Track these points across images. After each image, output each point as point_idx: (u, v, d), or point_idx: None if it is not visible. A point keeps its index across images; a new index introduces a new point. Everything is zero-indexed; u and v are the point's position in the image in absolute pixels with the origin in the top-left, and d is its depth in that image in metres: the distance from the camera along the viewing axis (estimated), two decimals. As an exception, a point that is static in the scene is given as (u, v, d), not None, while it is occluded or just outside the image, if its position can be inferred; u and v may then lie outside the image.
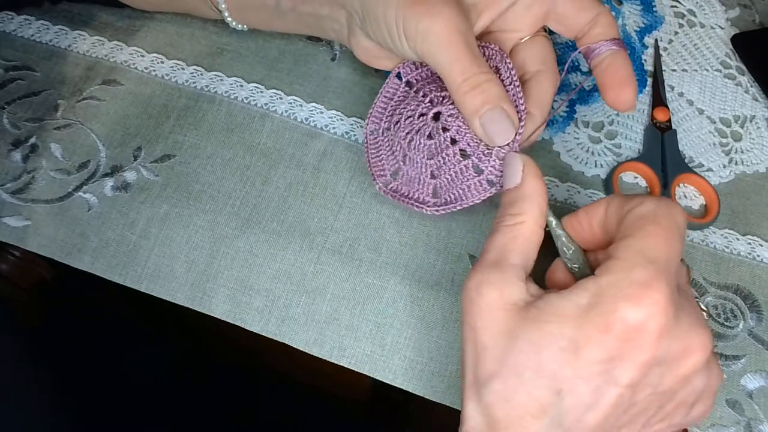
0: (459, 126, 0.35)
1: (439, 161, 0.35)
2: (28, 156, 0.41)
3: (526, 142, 0.36)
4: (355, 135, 0.42)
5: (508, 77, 0.36)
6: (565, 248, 0.32)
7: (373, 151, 0.39)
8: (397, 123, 0.38)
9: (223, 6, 0.41)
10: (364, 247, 0.39)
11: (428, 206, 0.36)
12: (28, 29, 0.45)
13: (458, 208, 0.36)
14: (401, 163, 0.37)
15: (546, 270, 0.34)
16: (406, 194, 0.38)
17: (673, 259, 0.28)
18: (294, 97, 0.44)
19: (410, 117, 0.37)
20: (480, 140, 0.34)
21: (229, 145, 0.42)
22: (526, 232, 0.31)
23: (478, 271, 0.30)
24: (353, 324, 0.38)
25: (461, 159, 0.35)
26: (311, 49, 0.46)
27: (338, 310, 0.38)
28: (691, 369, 0.28)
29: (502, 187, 0.33)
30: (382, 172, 0.38)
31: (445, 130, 0.35)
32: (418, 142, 0.36)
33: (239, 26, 0.43)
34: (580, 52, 0.37)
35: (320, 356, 0.37)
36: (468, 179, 0.35)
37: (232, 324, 0.38)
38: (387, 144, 0.38)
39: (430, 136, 0.36)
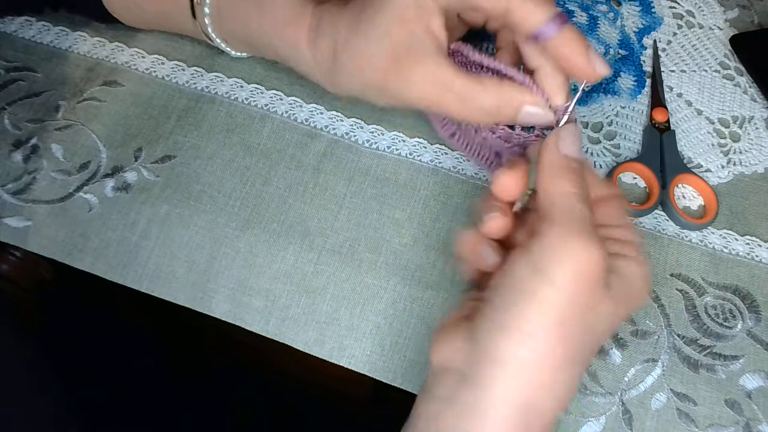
0: None
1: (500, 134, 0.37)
2: (29, 157, 0.41)
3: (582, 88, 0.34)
4: (355, 135, 0.43)
5: (479, 59, 0.35)
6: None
7: (464, 147, 0.41)
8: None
9: (218, 40, 0.42)
10: (364, 248, 0.39)
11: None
12: (29, 30, 0.45)
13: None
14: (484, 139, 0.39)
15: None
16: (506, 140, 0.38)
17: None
18: (294, 98, 0.44)
19: None
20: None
21: (229, 145, 0.42)
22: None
23: None
24: (353, 324, 0.38)
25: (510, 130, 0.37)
26: (311, 50, 0.46)
27: (338, 311, 0.38)
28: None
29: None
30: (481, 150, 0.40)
31: None
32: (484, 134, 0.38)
33: (237, 54, 0.44)
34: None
35: (320, 356, 0.37)
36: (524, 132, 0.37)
37: (232, 323, 0.38)
38: (466, 135, 0.40)
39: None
